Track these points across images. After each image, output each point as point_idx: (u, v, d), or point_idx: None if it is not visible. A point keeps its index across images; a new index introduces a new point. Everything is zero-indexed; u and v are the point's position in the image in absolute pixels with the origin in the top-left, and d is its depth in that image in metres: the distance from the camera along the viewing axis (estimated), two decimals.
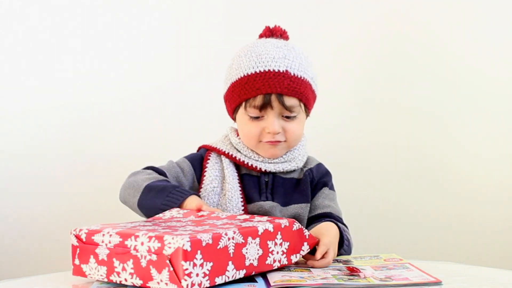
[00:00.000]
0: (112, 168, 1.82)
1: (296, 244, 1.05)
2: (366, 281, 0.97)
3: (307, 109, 1.32)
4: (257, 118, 1.27)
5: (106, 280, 0.96)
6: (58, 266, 1.79)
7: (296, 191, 1.33)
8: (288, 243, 1.03)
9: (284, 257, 1.03)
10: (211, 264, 0.90)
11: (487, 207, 1.82)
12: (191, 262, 0.88)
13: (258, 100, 1.25)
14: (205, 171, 1.33)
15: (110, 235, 0.95)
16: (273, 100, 1.24)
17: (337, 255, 1.17)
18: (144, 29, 1.84)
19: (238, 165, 1.34)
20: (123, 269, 0.93)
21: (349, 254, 1.24)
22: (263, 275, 1.02)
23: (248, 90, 1.26)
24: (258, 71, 1.25)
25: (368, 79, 1.84)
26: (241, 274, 0.96)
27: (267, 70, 1.25)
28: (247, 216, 1.09)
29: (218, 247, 0.92)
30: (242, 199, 1.29)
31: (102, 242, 0.95)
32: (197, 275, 0.88)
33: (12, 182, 1.82)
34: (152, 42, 1.84)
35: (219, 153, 1.34)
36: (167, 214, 1.13)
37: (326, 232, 1.16)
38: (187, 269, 0.87)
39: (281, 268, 1.06)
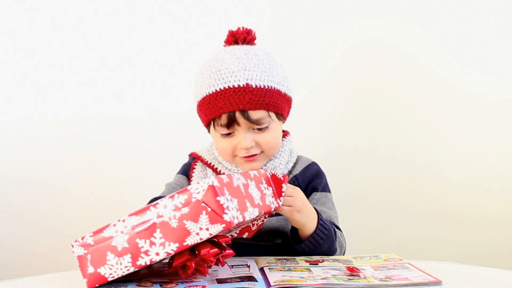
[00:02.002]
0: (112, 168, 1.83)
1: (278, 188, 1.10)
2: (366, 281, 0.97)
3: (280, 115, 1.27)
4: (228, 134, 1.24)
5: (133, 269, 0.91)
6: (58, 266, 1.79)
7: None
8: (271, 188, 1.08)
9: (274, 200, 1.07)
10: (236, 200, 0.92)
11: (487, 207, 1.82)
12: (224, 197, 0.89)
13: (223, 119, 1.22)
14: (191, 178, 1.33)
15: (124, 220, 0.92)
16: (238, 117, 1.21)
17: (312, 238, 1.17)
18: (146, 32, 1.84)
19: None
20: (151, 244, 0.89)
21: (333, 252, 1.22)
22: (262, 274, 1.02)
23: (212, 110, 1.23)
24: (218, 89, 1.21)
25: (367, 79, 1.84)
26: (256, 212, 0.98)
27: (226, 87, 1.21)
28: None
29: (234, 186, 0.94)
30: None
31: (116, 232, 0.92)
32: (232, 208, 0.89)
33: (12, 182, 1.83)
34: (154, 44, 1.84)
35: (203, 163, 1.34)
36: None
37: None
38: (224, 203, 0.88)
39: (281, 268, 1.06)
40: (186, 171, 1.35)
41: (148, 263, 0.90)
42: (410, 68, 1.83)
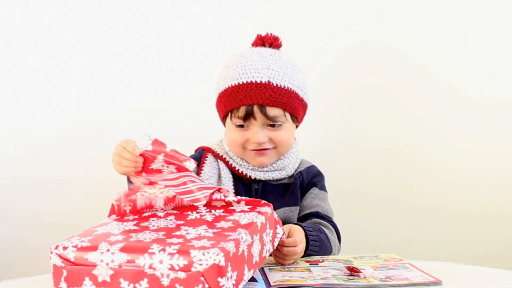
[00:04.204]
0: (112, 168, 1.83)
1: (274, 229, 1.04)
2: (366, 281, 0.97)
3: (295, 117, 1.33)
4: (242, 126, 1.30)
5: None
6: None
7: (286, 195, 1.34)
8: (272, 230, 1.02)
9: (270, 245, 1.02)
10: (236, 273, 0.86)
11: (488, 207, 1.82)
12: (226, 277, 0.82)
13: (241, 111, 1.27)
14: (202, 168, 1.35)
15: (113, 253, 0.85)
16: (256, 111, 1.27)
17: (305, 254, 1.17)
18: (146, 30, 1.84)
19: (231, 170, 1.36)
20: None
21: (330, 253, 1.24)
22: (262, 274, 1.02)
23: (232, 101, 1.28)
24: (241, 83, 1.27)
25: (367, 79, 1.84)
26: (250, 274, 0.92)
27: (249, 81, 1.27)
28: (223, 204, 1.02)
29: (239, 254, 0.87)
30: None
31: (101, 261, 0.85)
32: (229, 287, 0.83)
33: (13, 182, 1.83)
34: (154, 43, 1.84)
35: (215, 155, 1.37)
36: (139, 201, 1.04)
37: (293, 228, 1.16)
38: (223, 285, 0.81)
39: (281, 269, 1.06)
40: (196, 159, 1.34)
41: None
42: (410, 67, 1.82)
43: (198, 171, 1.35)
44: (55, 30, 1.82)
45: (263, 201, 1.03)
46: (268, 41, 1.36)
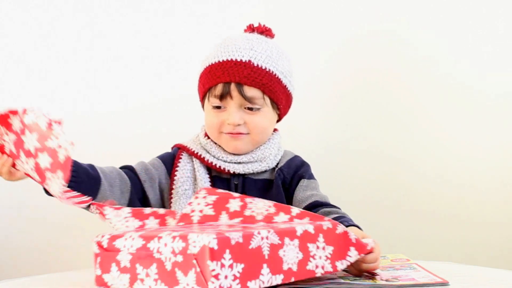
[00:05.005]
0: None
1: (341, 249, 0.93)
2: (372, 281, 0.96)
3: (275, 104, 1.27)
4: (219, 108, 1.25)
5: None
6: (59, 266, 1.79)
7: (267, 194, 1.26)
8: (332, 248, 0.91)
9: (329, 263, 0.91)
10: (242, 266, 0.80)
11: (488, 207, 1.81)
12: (219, 262, 0.78)
13: (218, 89, 1.23)
14: (176, 170, 1.29)
15: (133, 239, 0.87)
16: (232, 89, 1.22)
17: None
18: (142, 30, 1.84)
19: (208, 166, 1.29)
20: (147, 275, 0.84)
21: None
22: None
23: (210, 79, 1.24)
24: (221, 60, 1.24)
25: (367, 78, 1.84)
26: (278, 279, 0.85)
27: (229, 59, 1.23)
28: (285, 219, 0.97)
29: (250, 247, 0.82)
30: None
31: (124, 247, 0.87)
32: (226, 277, 0.79)
33: (13, 182, 1.82)
34: (153, 43, 1.84)
35: (189, 153, 1.31)
36: (196, 212, 1.03)
37: (356, 232, 1.05)
38: (214, 269, 0.78)
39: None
40: (168, 160, 1.31)
41: None
42: (410, 66, 1.82)
43: (172, 174, 1.29)
44: (49, 29, 1.82)
45: (326, 218, 0.96)
46: (259, 30, 1.32)
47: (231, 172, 1.27)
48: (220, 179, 1.29)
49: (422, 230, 1.83)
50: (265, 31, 1.32)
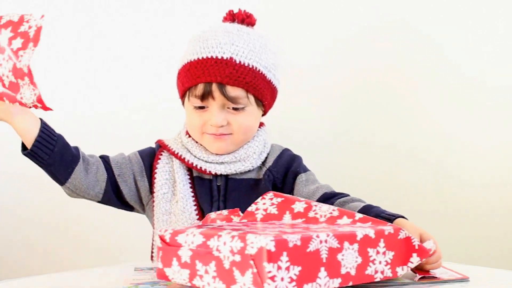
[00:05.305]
0: None
1: (403, 255, 0.92)
2: (395, 279, 0.95)
3: (260, 101, 1.21)
4: (201, 108, 1.18)
5: (189, 284, 0.88)
6: (59, 266, 1.79)
7: (254, 194, 1.16)
8: (392, 253, 0.90)
9: (388, 268, 0.89)
10: (299, 268, 0.80)
11: (488, 207, 1.81)
12: (275, 264, 0.78)
13: (199, 89, 1.16)
14: (155, 172, 1.23)
15: (194, 235, 0.87)
16: (214, 90, 1.15)
17: None
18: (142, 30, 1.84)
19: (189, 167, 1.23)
20: (206, 272, 0.85)
21: None
22: None
23: (189, 78, 1.17)
24: (200, 58, 1.16)
25: (367, 77, 1.84)
26: (336, 283, 0.84)
27: (209, 56, 1.16)
28: (348, 221, 0.96)
29: (308, 250, 0.81)
30: (196, 209, 1.20)
31: (185, 242, 0.88)
32: (282, 279, 0.78)
33: (13, 181, 1.82)
34: (153, 42, 1.84)
35: (169, 152, 1.24)
36: (260, 210, 1.02)
37: (410, 227, 1.03)
38: (270, 271, 0.77)
39: None
40: (148, 157, 1.26)
41: (202, 287, 0.86)
42: (411, 66, 1.82)
43: (152, 176, 1.24)
44: (49, 29, 1.82)
45: (389, 224, 0.95)
46: (239, 18, 1.24)
47: (213, 173, 1.22)
48: (202, 180, 1.23)
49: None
50: (246, 19, 1.24)
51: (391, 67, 1.82)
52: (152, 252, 1.26)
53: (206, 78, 1.15)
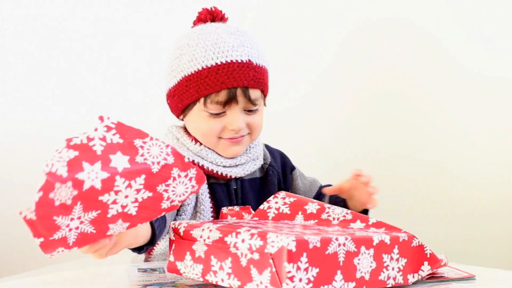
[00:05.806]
0: None
1: (414, 262, 0.92)
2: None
3: (265, 97, 1.21)
4: (218, 114, 1.15)
5: (201, 279, 0.88)
6: (59, 266, 1.79)
7: (265, 193, 1.19)
8: (405, 260, 0.91)
9: (400, 275, 0.90)
10: (317, 270, 0.80)
11: (488, 207, 1.81)
12: (295, 265, 0.78)
13: (222, 95, 1.12)
14: None
15: (210, 230, 0.86)
16: (239, 95, 1.12)
17: None
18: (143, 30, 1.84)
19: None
20: (221, 268, 0.84)
21: None
22: None
23: (210, 85, 1.12)
24: (219, 63, 1.12)
25: (368, 78, 1.84)
26: (350, 287, 0.84)
27: (229, 61, 1.12)
28: (361, 226, 0.97)
29: (327, 252, 0.81)
30: (212, 213, 1.18)
31: (201, 237, 0.87)
32: (300, 280, 0.78)
33: (13, 182, 1.82)
34: (153, 42, 1.84)
35: None
36: (272, 209, 1.02)
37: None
38: (290, 271, 0.77)
39: None
40: None
41: (214, 283, 0.86)
42: (411, 66, 1.83)
43: None
44: (49, 30, 1.82)
45: (403, 231, 0.95)
46: (219, 16, 1.21)
47: (233, 177, 1.20)
48: (219, 185, 1.21)
49: (421, 230, 1.83)
50: (223, 16, 1.22)
51: (391, 66, 1.83)
52: (149, 252, 1.23)
53: (232, 83, 1.12)
